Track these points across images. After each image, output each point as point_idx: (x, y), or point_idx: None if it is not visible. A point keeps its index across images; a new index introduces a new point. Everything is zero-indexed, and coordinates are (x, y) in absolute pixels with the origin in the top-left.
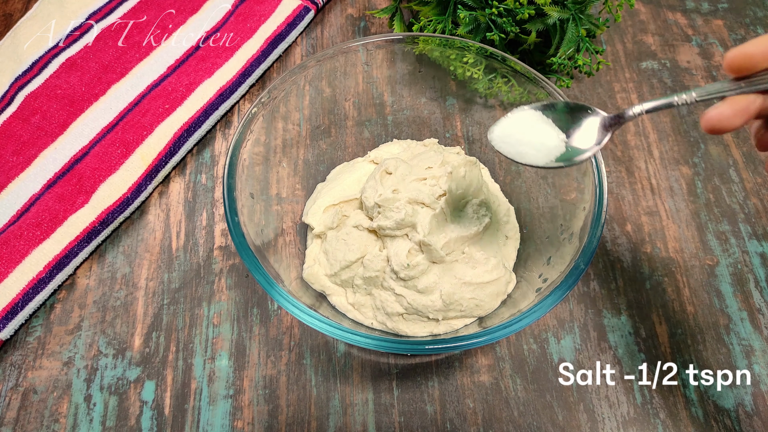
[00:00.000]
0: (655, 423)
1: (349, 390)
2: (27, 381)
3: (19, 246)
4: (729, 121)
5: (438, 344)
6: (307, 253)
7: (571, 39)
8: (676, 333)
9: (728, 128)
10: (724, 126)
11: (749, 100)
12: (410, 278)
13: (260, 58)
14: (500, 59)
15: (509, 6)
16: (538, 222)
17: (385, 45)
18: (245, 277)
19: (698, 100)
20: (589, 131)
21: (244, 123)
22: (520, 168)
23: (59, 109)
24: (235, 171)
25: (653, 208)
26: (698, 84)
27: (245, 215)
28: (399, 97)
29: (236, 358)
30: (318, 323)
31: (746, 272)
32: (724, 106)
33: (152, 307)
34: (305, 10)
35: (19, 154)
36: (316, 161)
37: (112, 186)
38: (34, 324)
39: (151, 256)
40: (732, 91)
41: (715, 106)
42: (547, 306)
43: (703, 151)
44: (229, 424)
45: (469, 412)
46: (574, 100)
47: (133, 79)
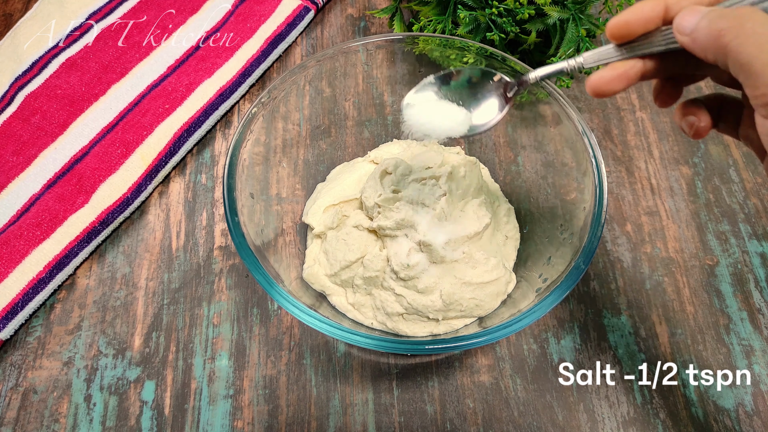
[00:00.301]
0: (655, 423)
1: (349, 390)
2: (27, 381)
3: (19, 246)
4: (610, 85)
5: (438, 344)
6: (307, 253)
7: (571, 39)
8: (676, 333)
9: (611, 92)
10: (607, 89)
11: (628, 66)
12: (410, 278)
13: (260, 58)
14: (500, 59)
15: (509, 6)
16: (538, 222)
17: (385, 45)
18: (245, 277)
19: (585, 66)
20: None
21: (244, 123)
22: (520, 168)
23: (59, 109)
24: (235, 171)
25: (653, 208)
26: (698, 83)
27: (245, 215)
28: (399, 97)
29: (236, 358)
30: (318, 323)
31: (746, 272)
32: (605, 71)
33: (152, 307)
34: (305, 10)
35: (19, 154)
36: (316, 161)
37: (112, 186)
38: (34, 324)
39: (151, 256)
40: (614, 58)
41: (598, 72)
42: (547, 306)
43: (703, 151)
44: (229, 424)
45: (469, 412)
46: (574, 100)
47: (133, 79)
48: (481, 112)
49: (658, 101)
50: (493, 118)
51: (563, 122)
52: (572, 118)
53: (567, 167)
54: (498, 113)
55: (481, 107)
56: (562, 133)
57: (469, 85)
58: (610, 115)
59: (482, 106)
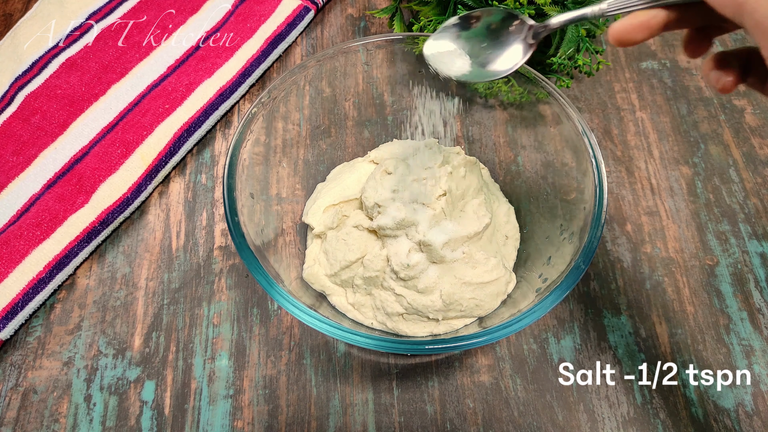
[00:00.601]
0: (655, 423)
1: (349, 390)
2: (27, 381)
3: (19, 246)
4: (632, 34)
5: (438, 344)
6: (307, 253)
7: (571, 39)
8: (676, 333)
9: (633, 41)
10: (629, 38)
11: (650, 15)
12: (410, 278)
13: (260, 58)
14: None
15: (509, 6)
16: (538, 222)
17: (385, 45)
18: (245, 277)
19: (607, 12)
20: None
21: (244, 123)
22: (520, 168)
23: (59, 109)
24: (235, 171)
25: (653, 208)
26: (699, 83)
27: (245, 215)
28: (399, 97)
29: (236, 358)
30: (318, 323)
31: (746, 272)
32: (628, 20)
33: (152, 307)
34: (305, 10)
35: (19, 154)
36: (316, 161)
37: (112, 186)
38: (34, 324)
39: (151, 256)
40: (637, 6)
41: (620, 21)
42: (547, 306)
43: (703, 151)
44: (229, 424)
45: (469, 412)
46: (574, 100)
47: (133, 79)
48: (504, 58)
49: (687, 51)
50: (516, 62)
51: (563, 122)
52: (572, 118)
53: (567, 167)
54: (521, 57)
55: (503, 54)
56: (562, 133)
57: (488, 31)
58: (610, 115)
59: (504, 53)
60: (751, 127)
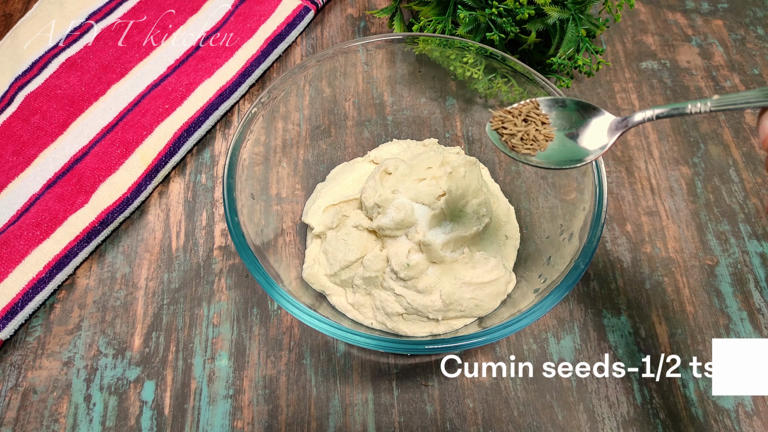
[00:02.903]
0: (655, 423)
1: (349, 390)
2: (27, 381)
3: (19, 246)
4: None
5: (438, 344)
6: (307, 253)
7: (571, 39)
8: (676, 333)
9: None
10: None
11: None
12: (410, 278)
13: (260, 58)
14: (500, 59)
15: (509, 6)
16: (538, 222)
17: (385, 45)
18: (245, 277)
19: (713, 109)
20: (596, 132)
21: (244, 123)
22: (520, 168)
23: (59, 109)
24: (235, 171)
25: (653, 208)
26: (698, 84)
27: (245, 215)
28: (399, 97)
29: (236, 358)
30: (318, 323)
31: (746, 272)
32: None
33: (152, 307)
34: (305, 10)
35: (19, 154)
36: (316, 161)
37: (112, 186)
38: (34, 324)
39: (151, 256)
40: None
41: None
42: (547, 306)
43: (703, 151)
44: (229, 424)
45: (469, 412)
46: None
47: (133, 79)
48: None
49: None
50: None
51: None
52: None
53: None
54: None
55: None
56: None
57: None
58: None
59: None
60: (751, 127)
